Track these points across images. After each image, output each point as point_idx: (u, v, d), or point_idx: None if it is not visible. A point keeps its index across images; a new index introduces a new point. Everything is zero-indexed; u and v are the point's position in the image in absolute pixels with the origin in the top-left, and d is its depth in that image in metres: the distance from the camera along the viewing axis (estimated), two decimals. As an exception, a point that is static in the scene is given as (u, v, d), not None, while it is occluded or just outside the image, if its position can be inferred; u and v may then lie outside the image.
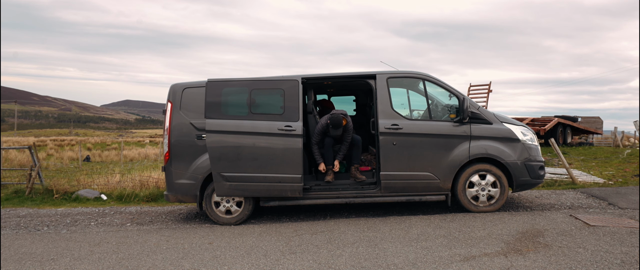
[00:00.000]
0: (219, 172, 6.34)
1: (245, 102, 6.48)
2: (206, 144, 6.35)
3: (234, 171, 6.34)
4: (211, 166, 6.35)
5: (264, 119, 6.38)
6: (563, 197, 7.68)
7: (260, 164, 6.33)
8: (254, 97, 6.49)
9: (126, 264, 4.86)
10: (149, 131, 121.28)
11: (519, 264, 4.26)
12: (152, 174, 10.84)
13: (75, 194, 9.65)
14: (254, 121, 6.37)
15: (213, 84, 6.51)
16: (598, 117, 26.91)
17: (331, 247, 5.13)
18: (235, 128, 6.35)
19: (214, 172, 6.34)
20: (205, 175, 6.54)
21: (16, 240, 6.20)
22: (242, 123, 6.37)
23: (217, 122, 6.36)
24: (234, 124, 6.37)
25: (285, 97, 6.42)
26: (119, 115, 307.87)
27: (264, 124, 6.35)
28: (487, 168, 6.51)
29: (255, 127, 6.34)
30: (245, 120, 6.39)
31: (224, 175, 6.34)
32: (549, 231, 5.34)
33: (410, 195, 6.58)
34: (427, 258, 4.57)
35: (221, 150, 6.33)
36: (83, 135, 76.73)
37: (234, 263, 4.73)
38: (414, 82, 6.80)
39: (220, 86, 6.50)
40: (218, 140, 6.33)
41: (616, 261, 4.25)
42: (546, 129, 17.83)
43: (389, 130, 6.45)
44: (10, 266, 4.96)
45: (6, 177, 11.95)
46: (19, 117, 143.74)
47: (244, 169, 6.34)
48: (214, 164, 6.32)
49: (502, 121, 6.62)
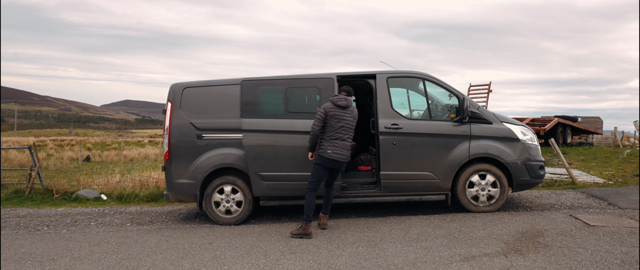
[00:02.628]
0: (257, 172, 6.40)
1: (281, 101, 6.55)
2: (243, 143, 6.41)
3: (272, 170, 6.40)
4: (248, 166, 6.39)
5: (300, 118, 6.44)
6: (563, 197, 7.68)
7: (298, 163, 6.37)
8: (289, 95, 6.57)
9: (126, 264, 4.86)
10: (149, 131, 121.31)
11: (519, 264, 4.26)
12: (152, 174, 10.85)
13: (75, 194, 9.65)
14: (291, 120, 6.44)
15: (248, 83, 6.58)
16: (598, 117, 26.89)
17: (331, 247, 5.13)
18: (272, 127, 6.42)
19: (251, 172, 6.39)
20: (205, 174, 6.53)
21: (16, 240, 6.20)
22: (278, 122, 6.43)
23: (253, 121, 6.44)
24: (271, 123, 6.44)
25: (321, 95, 6.48)
26: (119, 115, 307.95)
27: (301, 122, 6.41)
28: (487, 168, 6.51)
29: (292, 125, 6.40)
30: (281, 119, 6.44)
31: (261, 174, 6.40)
32: (549, 231, 5.34)
33: (410, 194, 6.59)
34: (427, 258, 4.57)
35: (258, 149, 6.40)
36: (83, 135, 76.74)
37: (234, 263, 4.73)
38: (414, 82, 6.80)
39: (255, 86, 6.57)
40: (255, 139, 6.41)
41: (616, 261, 4.25)
42: (546, 129, 17.82)
43: (389, 130, 6.45)
44: (10, 266, 4.96)
45: (6, 177, 11.95)
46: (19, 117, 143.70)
47: (281, 168, 6.39)
48: (251, 164, 6.37)
49: (502, 121, 6.62)
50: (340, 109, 5.67)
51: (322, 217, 6.03)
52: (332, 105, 5.68)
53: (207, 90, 6.77)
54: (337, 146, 5.62)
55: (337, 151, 5.61)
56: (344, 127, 5.66)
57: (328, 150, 5.60)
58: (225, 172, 6.63)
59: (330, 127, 5.64)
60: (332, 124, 5.63)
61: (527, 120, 19.27)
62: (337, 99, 5.71)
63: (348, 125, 5.70)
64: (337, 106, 5.67)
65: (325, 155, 5.62)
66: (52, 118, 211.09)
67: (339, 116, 5.65)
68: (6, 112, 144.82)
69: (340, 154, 5.63)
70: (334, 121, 5.63)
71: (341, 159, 5.65)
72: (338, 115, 5.64)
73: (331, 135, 5.63)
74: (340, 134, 5.64)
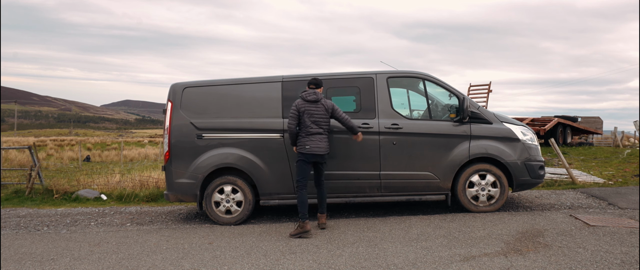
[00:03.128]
0: None
1: None
2: (285, 143, 6.43)
3: None
4: (291, 165, 6.39)
5: None
6: (563, 197, 7.68)
7: (339, 162, 6.42)
8: (330, 95, 6.63)
9: (126, 264, 4.86)
10: (149, 131, 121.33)
11: (519, 264, 4.26)
12: (152, 174, 10.85)
13: (75, 194, 9.65)
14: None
15: (288, 84, 6.61)
16: (598, 117, 26.89)
17: (331, 247, 5.13)
18: None
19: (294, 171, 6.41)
20: (205, 174, 6.53)
21: (16, 240, 6.20)
22: None
23: None
24: None
25: (361, 95, 6.54)
26: (119, 115, 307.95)
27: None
28: (487, 168, 6.51)
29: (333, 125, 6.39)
30: None
31: None
32: (549, 231, 5.34)
33: (410, 194, 6.58)
34: (427, 258, 4.57)
35: None
36: (83, 135, 76.72)
37: (234, 263, 4.73)
38: (414, 82, 6.81)
39: (296, 85, 6.59)
40: None
41: (616, 261, 4.25)
42: (546, 129, 17.82)
43: (389, 130, 6.45)
44: (10, 266, 4.96)
45: (6, 177, 11.95)
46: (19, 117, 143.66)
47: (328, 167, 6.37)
48: (293, 163, 6.33)
49: (502, 121, 6.62)
50: (310, 103, 5.81)
51: (320, 216, 6.04)
52: (303, 101, 5.83)
53: (215, 89, 6.78)
54: (313, 140, 5.77)
55: (314, 145, 5.77)
56: (316, 121, 5.80)
57: (306, 146, 5.76)
58: (225, 172, 6.63)
59: (304, 123, 5.79)
60: (304, 119, 5.79)
61: (527, 120, 19.27)
62: (306, 95, 5.84)
63: (321, 119, 5.83)
64: (307, 101, 5.82)
65: (304, 151, 5.77)
66: (52, 118, 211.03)
67: (310, 111, 5.79)
68: (6, 112, 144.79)
69: (319, 147, 5.79)
70: (306, 116, 5.79)
71: (320, 152, 5.80)
72: (309, 110, 5.79)
73: (306, 130, 5.79)
74: (314, 128, 5.79)
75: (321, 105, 5.84)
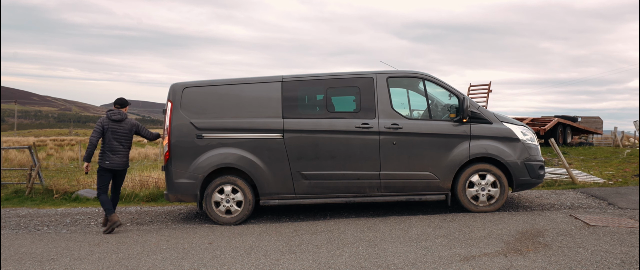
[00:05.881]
0: (299, 171, 6.48)
1: (322, 100, 6.65)
2: (285, 142, 6.47)
3: (313, 169, 6.47)
4: (291, 165, 6.48)
5: (340, 117, 6.52)
6: (563, 197, 7.68)
7: (339, 162, 6.45)
8: (330, 95, 6.67)
9: (126, 264, 4.86)
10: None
11: (519, 264, 4.26)
12: (152, 174, 10.84)
13: (75, 194, 9.65)
14: (331, 119, 6.52)
15: (288, 84, 6.64)
16: (598, 117, 26.88)
17: (331, 247, 5.13)
18: (313, 127, 6.49)
19: (294, 171, 6.49)
20: (205, 174, 6.54)
21: (16, 240, 6.20)
22: (319, 122, 6.51)
23: (295, 121, 6.52)
24: (312, 122, 6.51)
25: (361, 95, 6.56)
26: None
27: (342, 122, 6.50)
28: (487, 168, 6.51)
29: (333, 125, 6.49)
30: (322, 119, 6.52)
31: (303, 173, 6.48)
32: (549, 231, 5.34)
33: (410, 194, 6.59)
34: (427, 258, 4.57)
35: (300, 149, 6.48)
36: (83, 135, 76.70)
37: (234, 263, 4.73)
38: (414, 82, 6.81)
39: (296, 85, 6.64)
40: (296, 139, 6.48)
41: (616, 261, 4.25)
42: (546, 129, 17.81)
43: (389, 130, 6.45)
44: (10, 266, 4.96)
45: (6, 177, 11.94)
46: (19, 117, 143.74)
47: (322, 167, 6.47)
48: (293, 163, 6.48)
49: (502, 121, 6.62)
50: (114, 122, 6.52)
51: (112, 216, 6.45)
52: (108, 120, 6.51)
53: (215, 89, 6.80)
54: (113, 157, 6.49)
55: (114, 162, 6.50)
56: (118, 139, 6.51)
57: (106, 161, 6.49)
58: (225, 172, 6.63)
59: (107, 139, 6.48)
60: (108, 136, 6.48)
61: (527, 120, 19.26)
62: (111, 114, 6.53)
63: (124, 137, 6.56)
64: (112, 120, 6.51)
65: (104, 166, 6.50)
66: (52, 118, 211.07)
67: (114, 129, 6.50)
68: (6, 112, 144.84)
69: (118, 164, 6.53)
70: (109, 134, 6.48)
71: (118, 167, 6.55)
72: (112, 128, 6.50)
73: (109, 146, 6.49)
74: (116, 145, 6.50)
75: (125, 124, 6.56)
